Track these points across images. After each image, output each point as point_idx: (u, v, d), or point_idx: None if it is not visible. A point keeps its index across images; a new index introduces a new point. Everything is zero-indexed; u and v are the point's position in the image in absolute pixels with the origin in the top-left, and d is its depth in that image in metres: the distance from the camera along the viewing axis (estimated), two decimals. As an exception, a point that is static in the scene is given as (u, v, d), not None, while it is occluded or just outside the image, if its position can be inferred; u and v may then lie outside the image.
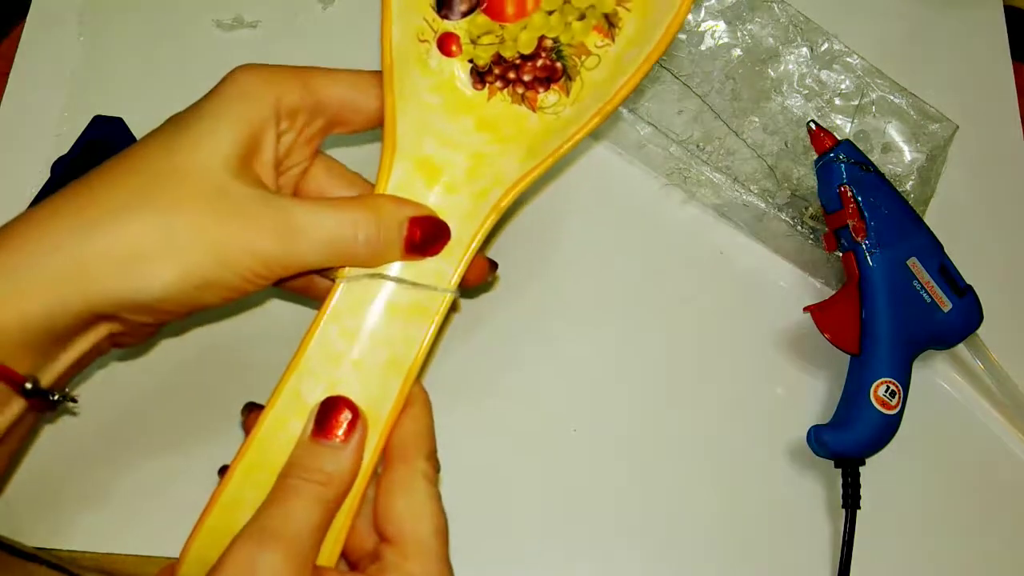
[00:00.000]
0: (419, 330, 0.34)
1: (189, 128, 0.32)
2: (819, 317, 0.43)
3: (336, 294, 0.34)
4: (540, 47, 0.36)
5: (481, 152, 0.35)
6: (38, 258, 0.30)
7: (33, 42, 0.51)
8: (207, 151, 0.31)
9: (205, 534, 0.32)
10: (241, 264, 0.31)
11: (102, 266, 0.30)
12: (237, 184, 0.31)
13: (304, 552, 0.29)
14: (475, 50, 0.36)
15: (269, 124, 0.33)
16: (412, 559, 0.31)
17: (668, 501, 0.43)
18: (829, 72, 0.49)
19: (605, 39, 0.36)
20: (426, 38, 0.36)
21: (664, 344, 0.46)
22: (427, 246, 0.34)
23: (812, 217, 0.46)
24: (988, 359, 0.46)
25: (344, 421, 0.32)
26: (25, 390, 0.31)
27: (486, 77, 0.36)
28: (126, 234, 0.30)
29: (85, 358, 0.34)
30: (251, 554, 0.29)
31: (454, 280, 0.35)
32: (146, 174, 0.31)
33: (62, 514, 0.40)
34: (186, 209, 0.31)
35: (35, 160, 0.48)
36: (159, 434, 0.42)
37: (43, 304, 0.30)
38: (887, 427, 0.42)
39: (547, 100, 0.36)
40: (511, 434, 0.44)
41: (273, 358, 0.35)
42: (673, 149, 0.47)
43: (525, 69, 0.36)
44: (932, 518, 0.44)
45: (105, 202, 0.31)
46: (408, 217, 0.34)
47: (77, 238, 0.30)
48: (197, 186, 0.31)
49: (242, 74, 0.33)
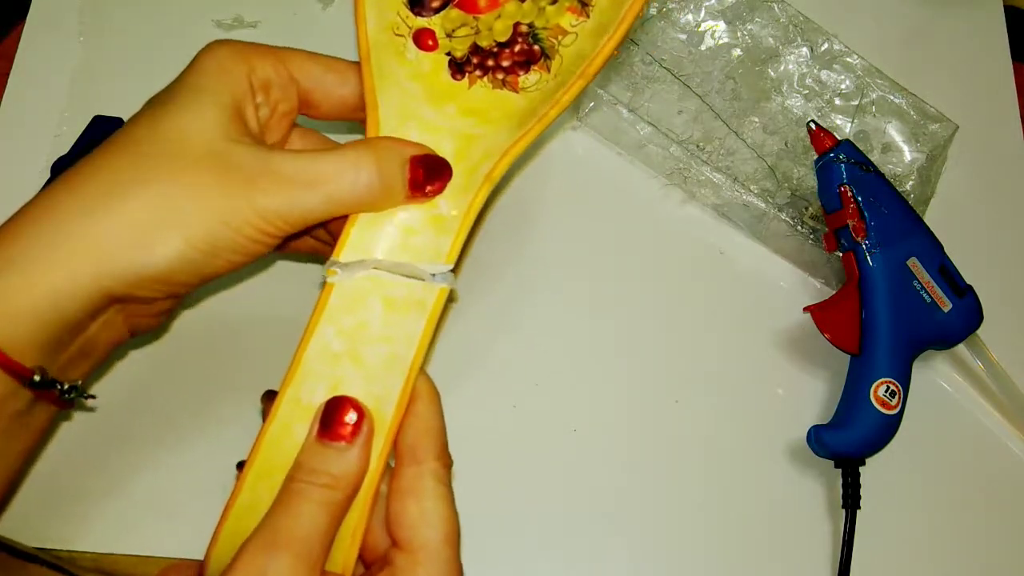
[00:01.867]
0: (417, 323, 0.33)
1: (174, 100, 0.32)
2: (819, 317, 0.43)
3: (330, 292, 0.33)
4: (516, 33, 0.36)
5: (468, 134, 0.35)
6: (43, 248, 0.30)
7: (33, 42, 0.51)
8: (195, 118, 0.31)
9: (226, 538, 0.31)
10: (246, 223, 0.31)
11: (109, 244, 0.30)
12: (230, 144, 0.31)
13: (313, 556, 0.29)
14: (451, 43, 0.36)
15: (247, 95, 0.33)
16: (423, 566, 0.31)
17: (668, 501, 0.43)
18: (829, 72, 0.49)
19: (580, 17, 0.36)
20: (401, 33, 0.36)
21: (664, 344, 0.46)
22: (430, 181, 0.33)
23: (812, 217, 0.46)
24: (988, 359, 0.46)
25: (349, 421, 0.31)
26: (32, 382, 0.30)
27: (465, 67, 0.36)
28: (129, 209, 0.30)
29: (101, 348, 0.33)
30: (259, 561, 0.28)
31: (451, 254, 0.34)
32: (139, 149, 0.31)
33: (61, 514, 0.40)
34: (185, 176, 0.31)
35: (35, 160, 0.48)
36: (159, 434, 0.42)
37: (52, 292, 0.29)
38: (887, 427, 0.42)
39: (528, 80, 0.36)
40: (511, 434, 0.44)
41: (277, 354, 0.34)
42: (673, 149, 0.47)
43: (503, 56, 0.36)
44: (932, 518, 0.44)
45: (103, 183, 0.31)
46: (410, 156, 0.33)
47: (80, 221, 0.30)
48: (191, 152, 0.31)
49: (217, 47, 0.34)
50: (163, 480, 0.41)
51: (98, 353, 0.34)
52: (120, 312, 0.33)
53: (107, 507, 0.41)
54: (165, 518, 0.41)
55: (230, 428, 0.42)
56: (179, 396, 0.43)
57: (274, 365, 0.39)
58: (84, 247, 0.30)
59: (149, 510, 0.41)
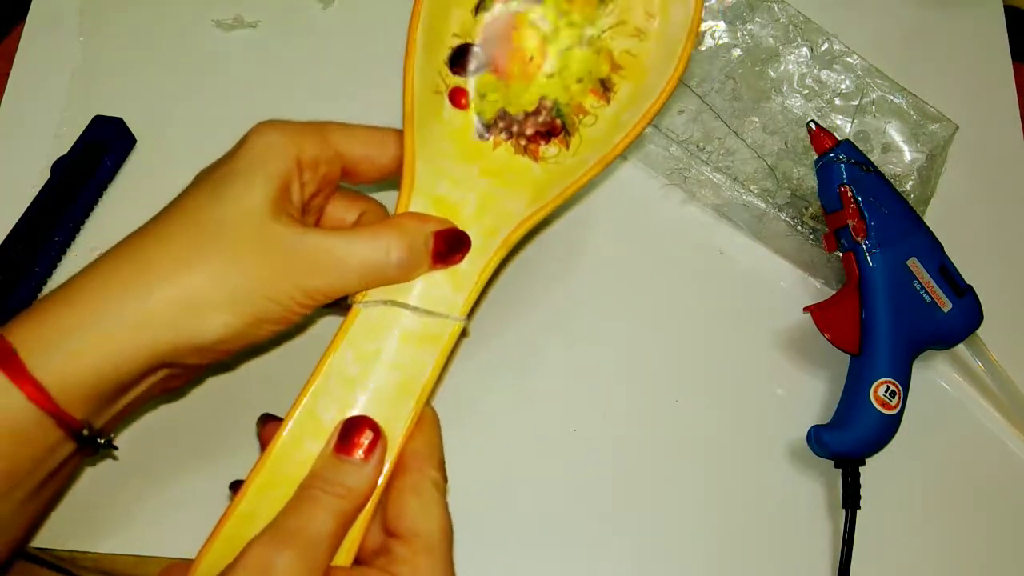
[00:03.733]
0: (430, 355, 0.36)
1: (227, 183, 0.35)
2: (819, 317, 0.43)
3: (354, 319, 0.36)
4: (541, 105, 0.40)
5: (488, 194, 0.38)
6: (108, 313, 0.32)
7: (33, 42, 0.51)
8: (247, 203, 0.34)
9: (220, 543, 0.32)
10: (289, 298, 0.34)
11: (166, 317, 0.32)
12: (278, 227, 0.34)
13: (319, 556, 0.31)
14: (482, 104, 0.39)
15: (294, 175, 0.36)
16: (421, 554, 0.32)
17: (668, 501, 0.43)
18: (829, 72, 0.49)
19: (600, 100, 0.40)
20: (440, 91, 0.39)
21: (664, 344, 0.46)
22: (452, 254, 0.37)
23: (812, 217, 0.46)
24: (988, 359, 0.46)
25: (366, 440, 0.34)
26: (81, 436, 0.33)
27: (491, 130, 0.39)
28: (186, 286, 0.33)
29: (137, 403, 0.36)
30: (267, 554, 0.30)
31: (464, 307, 0.37)
32: (196, 228, 0.34)
33: (62, 514, 0.40)
34: (238, 257, 0.33)
35: (35, 160, 0.48)
36: (160, 435, 0.42)
37: (114, 356, 0.32)
38: (887, 427, 0.42)
39: (548, 152, 0.39)
40: (511, 434, 0.44)
41: (281, 368, 0.35)
42: (673, 149, 0.47)
43: (528, 124, 0.39)
44: (932, 518, 0.44)
45: (163, 257, 0.33)
46: (432, 232, 0.36)
47: (141, 293, 0.32)
48: (244, 235, 0.33)
49: (267, 130, 0.36)
50: (164, 480, 0.41)
51: (132, 409, 0.36)
52: (164, 372, 0.35)
53: (108, 508, 0.41)
54: (166, 519, 0.41)
55: (231, 432, 0.42)
56: (180, 401, 0.43)
57: (275, 376, 0.39)
58: (147, 317, 0.32)
59: (149, 511, 0.41)
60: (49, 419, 0.31)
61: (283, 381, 0.37)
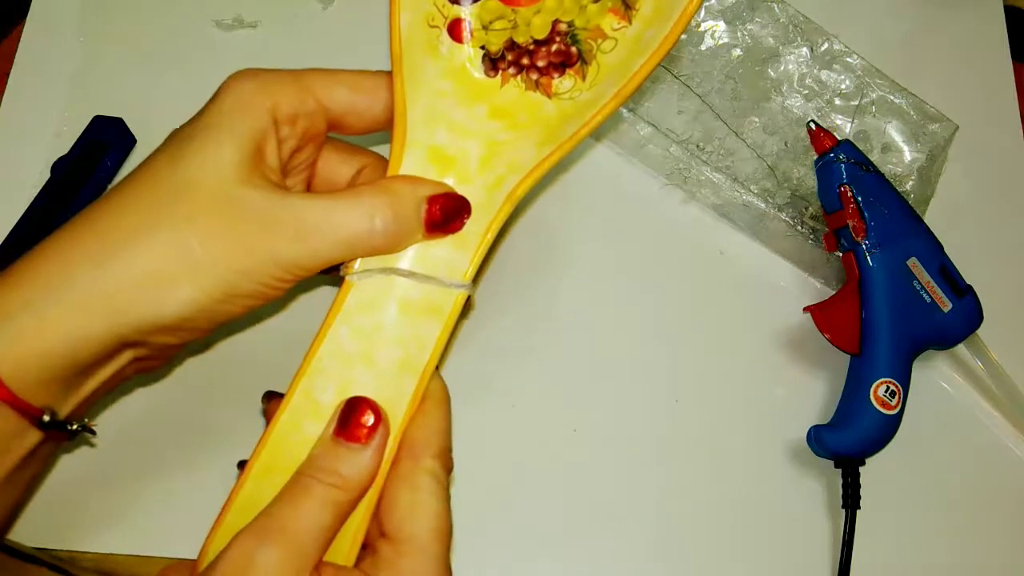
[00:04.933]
0: (432, 329, 0.33)
1: (192, 141, 0.32)
2: (819, 317, 0.43)
3: (347, 292, 0.33)
4: (554, 31, 0.35)
5: (495, 140, 0.34)
6: (57, 290, 0.30)
7: (33, 42, 0.51)
8: (212, 162, 0.31)
9: (223, 534, 0.31)
10: (261, 271, 0.31)
11: (123, 292, 0.30)
12: (246, 190, 0.31)
13: (306, 552, 0.29)
14: (487, 36, 0.35)
15: (269, 132, 0.32)
16: (406, 557, 0.30)
17: (668, 501, 0.43)
18: (829, 72, 0.49)
19: (622, 21, 0.34)
20: (436, 24, 0.35)
21: (664, 344, 0.46)
22: (448, 223, 0.33)
23: (812, 217, 0.46)
24: (988, 359, 0.46)
25: (366, 423, 0.31)
26: (42, 423, 0.30)
27: (499, 64, 0.35)
28: (143, 257, 0.30)
29: (107, 385, 0.33)
30: (249, 549, 0.28)
31: (468, 272, 0.33)
32: (155, 193, 0.31)
33: (62, 514, 0.40)
34: (200, 223, 0.30)
35: (35, 160, 0.48)
36: (160, 434, 0.42)
37: (65, 336, 0.29)
38: (887, 427, 0.42)
39: (562, 86, 0.35)
40: (511, 434, 0.44)
41: (284, 353, 0.34)
42: (673, 149, 0.47)
43: (539, 54, 0.35)
44: (932, 518, 0.44)
45: (118, 227, 0.30)
46: (426, 196, 0.33)
47: (95, 266, 0.30)
48: (207, 198, 0.30)
49: (237, 82, 0.33)
50: (164, 480, 0.41)
51: (104, 390, 0.34)
52: (131, 353, 0.33)
53: (107, 507, 0.41)
54: (165, 518, 0.41)
55: (231, 428, 0.42)
56: (179, 396, 0.43)
57: (274, 366, 0.39)
58: (97, 295, 0.30)
59: (149, 510, 0.41)
60: (3, 406, 0.29)
61: (289, 361, 0.34)
